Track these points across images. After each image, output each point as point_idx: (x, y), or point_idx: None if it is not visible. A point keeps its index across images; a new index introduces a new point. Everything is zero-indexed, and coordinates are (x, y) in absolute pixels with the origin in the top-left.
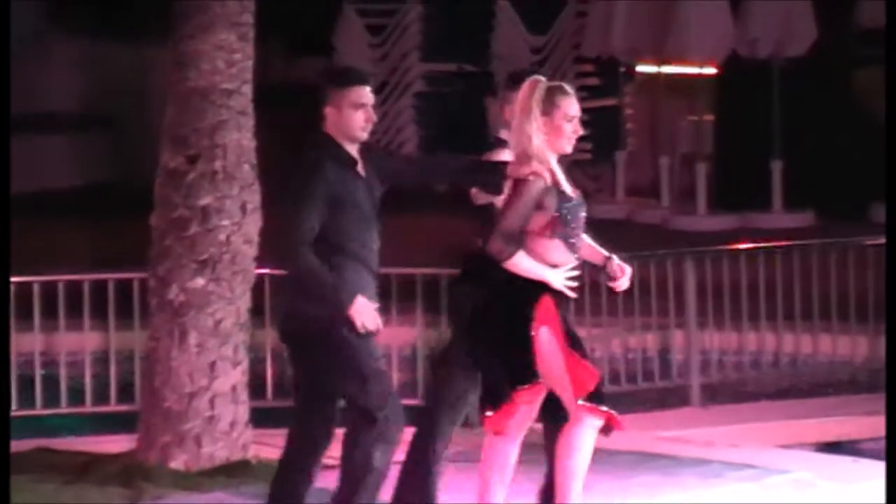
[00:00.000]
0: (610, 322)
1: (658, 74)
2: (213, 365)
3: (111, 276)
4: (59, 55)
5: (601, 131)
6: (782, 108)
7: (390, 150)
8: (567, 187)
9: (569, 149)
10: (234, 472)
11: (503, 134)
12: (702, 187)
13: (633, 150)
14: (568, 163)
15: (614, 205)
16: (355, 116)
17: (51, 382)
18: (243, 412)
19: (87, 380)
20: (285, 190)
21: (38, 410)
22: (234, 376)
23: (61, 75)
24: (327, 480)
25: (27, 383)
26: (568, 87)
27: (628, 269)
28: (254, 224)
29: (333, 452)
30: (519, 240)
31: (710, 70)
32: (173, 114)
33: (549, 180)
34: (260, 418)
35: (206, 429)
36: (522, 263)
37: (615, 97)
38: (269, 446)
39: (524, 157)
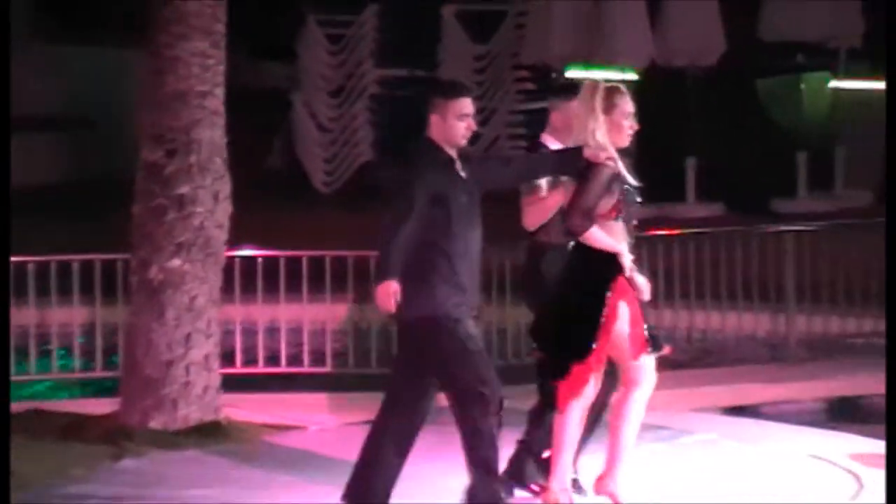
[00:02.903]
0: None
1: (586, 80)
2: (188, 337)
3: (97, 258)
4: (44, 60)
5: (537, 130)
6: (696, 111)
7: (487, 157)
8: (627, 175)
9: (627, 142)
10: (206, 432)
11: (545, 138)
12: None
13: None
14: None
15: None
16: (458, 125)
17: (43, 352)
18: (215, 379)
19: (76, 349)
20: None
21: (32, 376)
22: (207, 347)
23: (46, 79)
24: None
25: (22, 352)
26: (623, 88)
27: (644, 281)
28: (224, 211)
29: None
30: (593, 218)
31: (633, 77)
32: (153, 113)
33: (616, 168)
34: (230, 384)
35: (181, 393)
36: (598, 236)
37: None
38: (238, 409)
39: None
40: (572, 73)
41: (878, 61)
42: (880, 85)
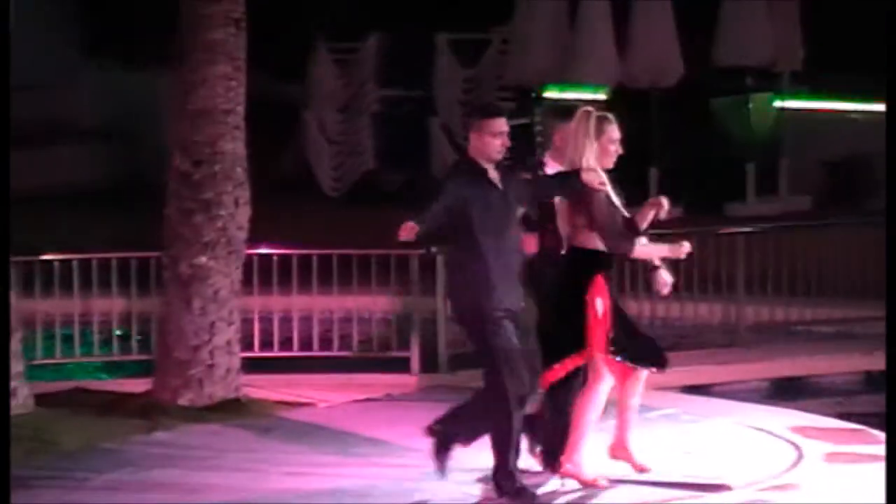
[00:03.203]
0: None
1: (560, 99)
2: (212, 324)
3: (133, 255)
4: (91, 83)
5: (518, 144)
6: (658, 126)
7: (527, 179)
8: (613, 193)
9: (611, 164)
10: (228, 408)
11: (548, 157)
12: None
13: (543, 159)
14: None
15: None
16: (493, 142)
17: (86, 336)
18: (236, 361)
19: (114, 335)
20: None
21: (76, 358)
22: (229, 333)
23: (92, 98)
24: None
25: (68, 337)
26: (611, 116)
27: (669, 280)
28: (244, 214)
29: None
30: (628, 234)
31: (602, 96)
32: (182, 128)
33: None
34: (248, 366)
35: (206, 374)
36: (643, 248)
37: (528, 117)
38: (256, 388)
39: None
40: (549, 93)
41: (816, 83)
42: (818, 104)
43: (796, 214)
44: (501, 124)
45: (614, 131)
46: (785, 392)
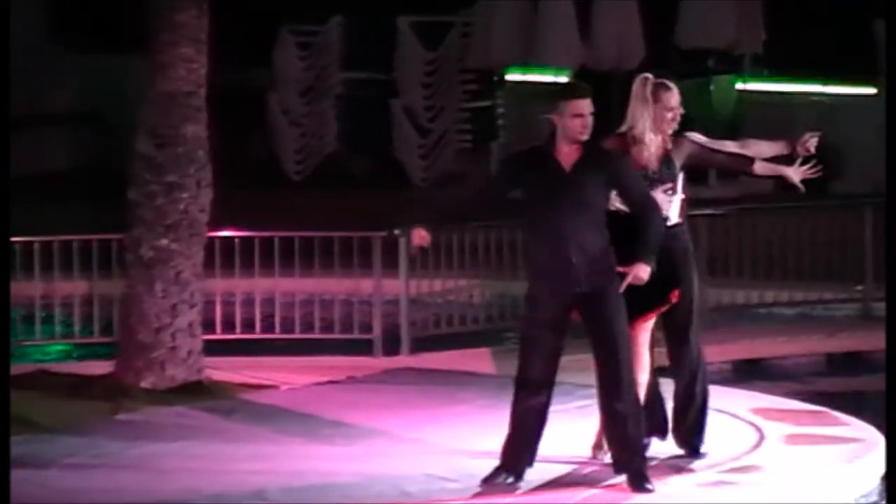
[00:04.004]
0: (474, 275)
1: (523, 82)
2: (174, 307)
3: (95, 237)
4: (56, 66)
5: (480, 126)
6: (621, 109)
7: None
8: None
9: (669, 130)
10: (190, 390)
11: None
12: None
13: (504, 140)
14: (454, 151)
15: None
16: (575, 122)
17: (48, 319)
18: (198, 344)
19: (76, 318)
20: None
21: (38, 341)
22: (191, 316)
23: (57, 82)
24: None
25: (29, 320)
26: (670, 84)
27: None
28: (206, 196)
29: None
30: None
31: (566, 78)
32: (146, 110)
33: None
34: (211, 348)
35: (169, 356)
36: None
37: (490, 100)
38: (218, 370)
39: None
40: (511, 76)
41: (777, 66)
42: (779, 87)
43: (758, 197)
44: (582, 105)
45: (671, 98)
46: (746, 374)
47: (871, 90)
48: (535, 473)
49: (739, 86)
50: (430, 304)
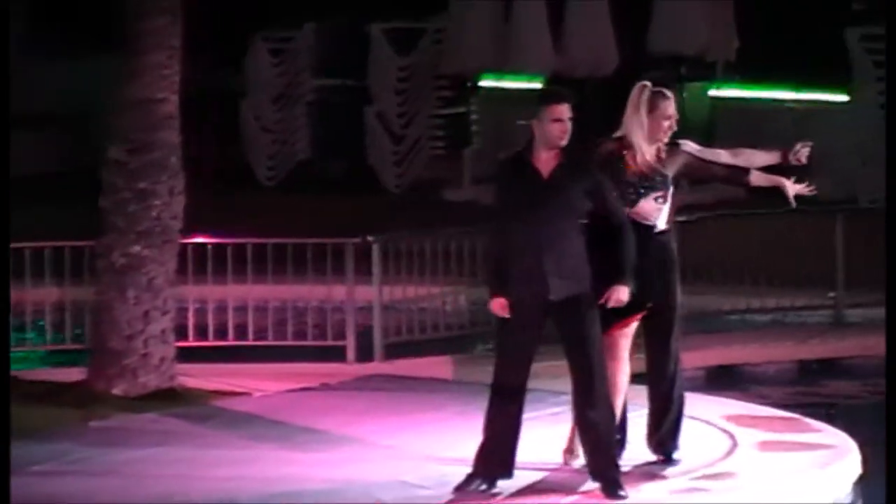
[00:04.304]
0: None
1: (496, 88)
2: (146, 314)
3: (67, 244)
4: (30, 71)
5: (453, 132)
6: (594, 116)
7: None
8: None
9: (664, 139)
10: (162, 397)
11: None
12: None
13: (477, 147)
14: (427, 157)
15: (463, 189)
16: (553, 128)
17: (20, 326)
18: (170, 350)
19: (48, 324)
20: None
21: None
22: (164, 322)
23: (30, 86)
24: None
25: None
26: (668, 93)
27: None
28: (179, 203)
29: None
30: None
31: (538, 85)
32: (118, 116)
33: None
34: (183, 355)
35: (141, 363)
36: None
37: (464, 106)
38: (191, 377)
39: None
40: (484, 82)
41: (750, 72)
42: (751, 93)
43: (731, 203)
44: (561, 110)
45: (668, 107)
46: (719, 380)
47: (844, 97)
48: (508, 480)
49: (712, 92)
50: (404, 311)
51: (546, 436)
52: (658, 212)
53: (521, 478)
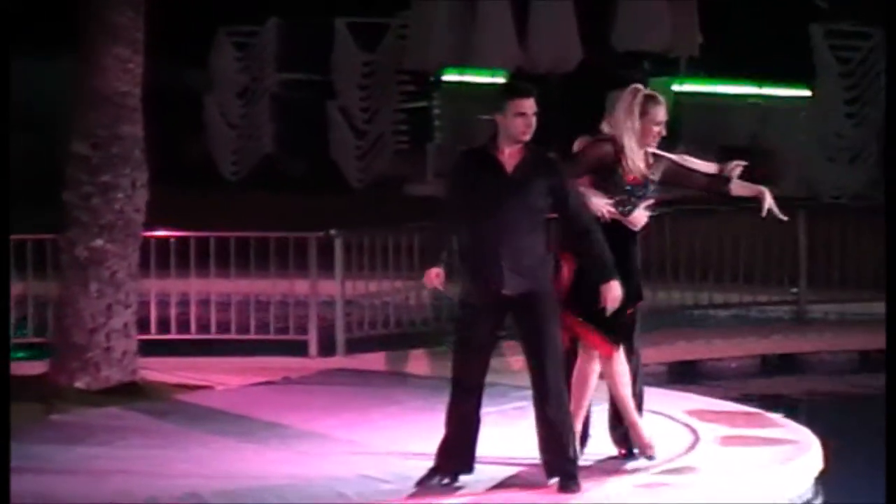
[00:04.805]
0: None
1: (460, 83)
2: (109, 307)
3: (30, 238)
4: None
5: (416, 127)
6: (557, 111)
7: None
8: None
9: (653, 145)
10: (125, 391)
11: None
12: None
13: (440, 141)
14: (391, 152)
15: (426, 184)
16: (517, 122)
17: None
18: (133, 344)
19: (11, 318)
20: None
21: None
22: (126, 316)
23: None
24: None
25: None
26: (660, 97)
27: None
28: (142, 197)
29: None
30: None
31: (501, 80)
32: (81, 111)
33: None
34: (146, 349)
35: (103, 357)
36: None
37: (427, 101)
38: (153, 371)
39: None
40: (448, 77)
41: (713, 68)
42: (715, 88)
43: (694, 199)
44: (525, 104)
45: (659, 113)
46: (682, 375)
47: (807, 92)
48: (469, 475)
49: (676, 87)
50: (366, 306)
51: (508, 431)
52: (645, 219)
53: (481, 472)
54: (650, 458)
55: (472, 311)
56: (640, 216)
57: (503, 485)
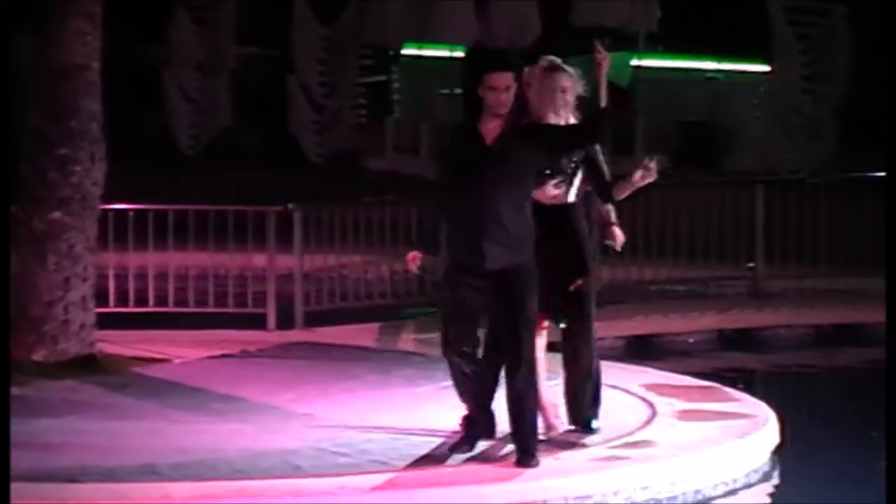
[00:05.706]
0: (368, 251)
1: (419, 57)
2: (66, 280)
3: None
4: None
5: (375, 101)
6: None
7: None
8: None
9: (566, 113)
10: (83, 364)
11: None
12: None
13: (399, 115)
14: (349, 127)
15: (384, 159)
16: (488, 95)
17: None
18: (91, 317)
19: None
20: None
21: None
22: (84, 289)
23: None
24: None
25: None
26: (563, 66)
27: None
28: (99, 170)
29: None
30: None
31: (459, 54)
32: (39, 84)
33: None
34: (103, 322)
35: (61, 330)
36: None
37: (386, 75)
38: (111, 343)
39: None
40: (407, 51)
41: (672, 43)
42: (673, 63)
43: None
44: (502, 78)
45: (562, 80)
46: (639, 350)
47: (765, 67)
48: (426, 448)
49: (634, 62)
50: (325, 279)
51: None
52: (555, 192)
53: (433, 446)
54: (549, 439)
55: (450, 280)
56: (547, 189)
57: (460, 460)
